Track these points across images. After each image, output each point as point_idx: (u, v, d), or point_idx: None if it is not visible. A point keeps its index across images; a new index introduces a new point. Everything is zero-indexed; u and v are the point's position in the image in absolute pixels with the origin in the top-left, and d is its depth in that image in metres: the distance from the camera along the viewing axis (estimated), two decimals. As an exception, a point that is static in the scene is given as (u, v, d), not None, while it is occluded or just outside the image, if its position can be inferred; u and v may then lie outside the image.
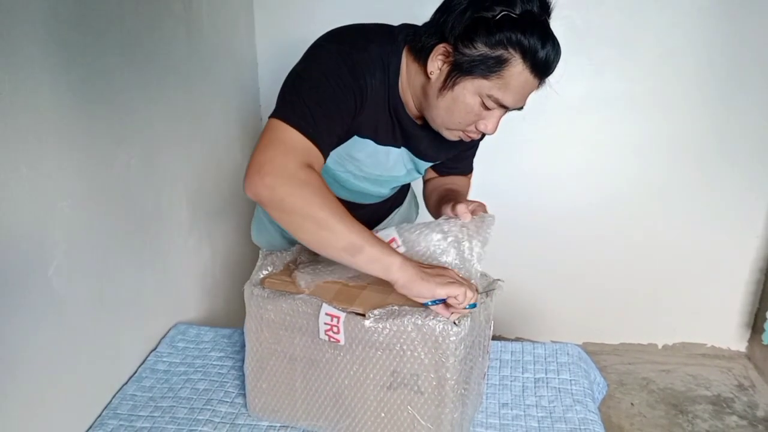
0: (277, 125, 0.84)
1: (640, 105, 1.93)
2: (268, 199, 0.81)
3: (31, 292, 0.91)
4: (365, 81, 0.90)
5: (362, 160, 1.01)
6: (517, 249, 2.10)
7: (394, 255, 0.83)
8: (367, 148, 0.99)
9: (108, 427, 1.04)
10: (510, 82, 0.85)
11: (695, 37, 1.83)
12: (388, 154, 1.03)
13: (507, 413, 1.08)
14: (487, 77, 0.84)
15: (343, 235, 0.81)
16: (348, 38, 0.92)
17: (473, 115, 0.90)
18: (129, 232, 1.19)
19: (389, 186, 1.15)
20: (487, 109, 0.89)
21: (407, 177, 1.13)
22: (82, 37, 1.01)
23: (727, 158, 1.96)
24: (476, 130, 0.92)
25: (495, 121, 0.91)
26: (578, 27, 1.85)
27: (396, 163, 1.06)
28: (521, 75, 0.84)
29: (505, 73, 0.84)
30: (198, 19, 1.48)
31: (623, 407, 1.97)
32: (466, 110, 0.89)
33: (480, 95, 0.87)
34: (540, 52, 0.83)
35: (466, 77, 0.86)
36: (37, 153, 0.91)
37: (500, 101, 0.87)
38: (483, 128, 0.91)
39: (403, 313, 0.86)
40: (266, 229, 1.27)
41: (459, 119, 0.91)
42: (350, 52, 0.89)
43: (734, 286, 2.14)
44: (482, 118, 0.90)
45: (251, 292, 0.96)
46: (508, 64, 0.83)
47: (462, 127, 0.93)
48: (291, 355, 0.96)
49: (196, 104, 1.50)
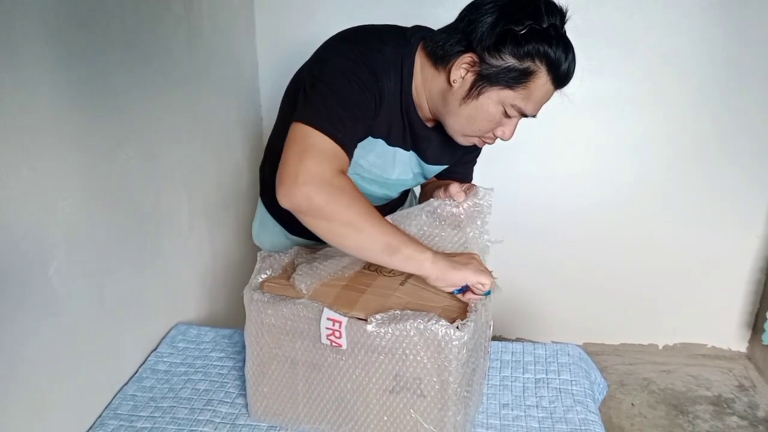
0: (306, 131, 0.84)
1: (641, 105, 1.93)
2: (306, 208, 0.83)
3: (32, 292, 0.91)
4: (383, 82, 0.91)
5: (372, 161, 1.02)
6: (517, 249, 2.09)
7: (426, 251, 0.88)
8: (378, 149, 1.00)
9: (108, 427, 1.04)
10: (534, 92, 0.87)
11: (695, 37, 1.83)
12: (395, 156, 1.03)
13: (507, 414, 1.08)
14: (513, 88, 0.86)
15: (380, 237, 0.85)
16: (362, 39, 0.93)
17: (494, 123, 0.92)
18: (129, 232, 1.19)
19: (396, 190, 1.15)
20: (507, 116, 0.91)
21: (413, 181, 1.13)
22: (83, 36, 1.01)
23: (727, 158, 1.96)
24: (493, 136, 0.95)
25: (512, 128, 0.94)
26: (578, 27, 1.83)
27: (404, 166, 1.06)
28: (545, 86, 0.87)
29: (530, 85, 0.86)
30: (198, 19, 1.48)
31: (624, 408, 1.97)
32: (488, 119, 0.91)
33: (503, 104, 0.89)
34: (564, 64, 0.85)
35: (492, 87, 0.87)
36: (38, 153, 0.91)
37: (523, 110, 0.89)
38: (501, 134, 0.94)
39: (406, 318, 0.86)
40: (269, 229, 1.27)
41: (480, 127, 0.93)
42: (367, 53, 0.90)
43: (735, 286, 2.14)
44: (501, 125, 0.93)
45: (251, 297, 0.96)
46: (534, 76, 0.85)
47: (480, 134, 0.95)
48: (292, 360, 0.96)
49: (196, 104, 1.50)
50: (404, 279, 0.97)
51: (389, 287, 0.95)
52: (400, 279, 0.97)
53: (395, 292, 0.94)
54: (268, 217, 1.27)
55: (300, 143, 0.83)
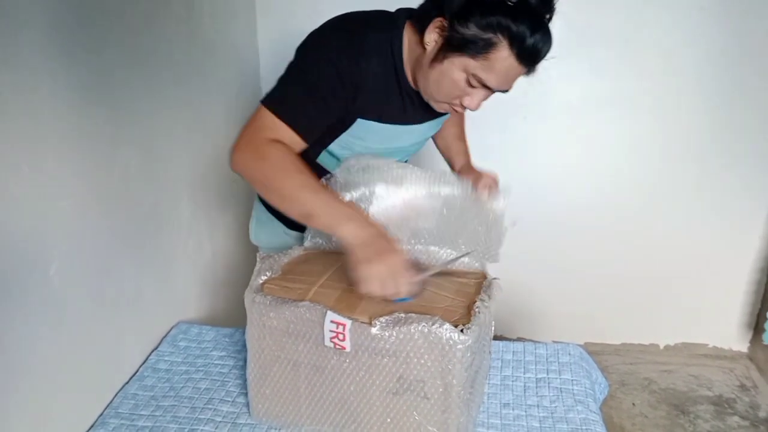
0: (264, 114, 0.93)
1: (640, 105, 1.93)
2: (238, 172, 0.91)
3: (33, 291, 0.91)
4: (363, 68, 0.94)
5: (370, 139, 1.05)
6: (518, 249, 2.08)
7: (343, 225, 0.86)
8: (373, 128, 1.03)
9: (109, 426, 1.04)
10: (495, 65, 0.87)
11: (695, 37, 1.83)
12: (390, 131, 1.06)
13: (508, 413, 1.07)
14: (474, 57, 0.87)
15: (297, 206, 0.89)
16: (346, 25, 0.96)
17: (459, 90, 0.93)
18: (130, 232, 1.19)
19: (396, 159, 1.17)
20: (471, 86, 0.92)
21: (412, 148, 1.17)
22: (83, 36, 1.01)
23: (727, 158, 1.96)
24: (461, 104, 0.96)
25: (478, 100, 0.94)
26: (578, 26, 1.85)
27: (405, 137, 1.10)
28: (506, 60, 0.87)
29: (491, 56, 0.87)
30: (199, 19, 1.48)
31: (625, 407, 1.97)
32: (452, 85, 0.92)
33: (466, 72, 0.90)
34: (528, 39, 0.85)
35: (455, 54, 0.88)
36: (38, 153, 0.91)
37: (483, 81, 0.90)
38: (467, 104, 0.95)
39: (410, 321, 0.86)
40: (267, 227, 1.28)
41: (445, 92, 0.94)
42: (349, 40, 0.94)
43: (736, 286, 2.14)
44: (467, 95, 0.94)
45: (252, 299, 0.95)
46: (495, 48, 0.86)
47: (448, 100, 0.96)
48: (295, 362, 0.96)
49: (197, 103, 1.50)
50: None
51: None
52: None
53: None
54: (265, 215, 1.28)
55: (255, 122, 0.93)
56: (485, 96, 0.95)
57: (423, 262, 1.01)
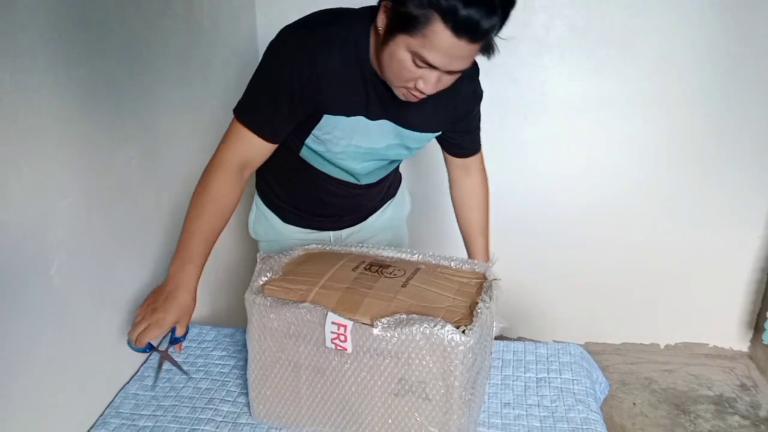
0: (233, 122, 1.02)
1: (641, 105, 1.93)
2: None
3: (33, 291, 0.91)
4: (321, 62, 0.96)
5: (338, 135, 1.06)
6: (518, 249, 2.09)
7: (173, 266, 1.01)
8: (340, 123, 1.04)
9: (110, 426, 1.04)
10: (433, 41, 0.85)
11: (696, 37, 1.83)
12: (358, 126, 1.06)
13: (509, 413, 1.07)
14: (413, 35, 0.86)
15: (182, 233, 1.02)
16: (310, 22, 0.98)
17: (408, 72, 0.91)
18: (130, 232, 1.19)
19: (369, 159, 1.15)
20: (418, 67, 0.89)
21: (389, 151, 1.14)
22: (83, 36, 1.01)
23: (727, 158, 1.96)
24: (416, 88, 0.93)
25: (431, 83, 0.91)
26: (579, 26, 1.85)
27: (375, 135, 1.08)
28: (443, 35, 0.84)
29: (427, 32, 0.84)
30: (199, 18, 1.48)
31: (625, 407, 1.97)
32: (401, 66, 0.90)
33: (410, 52, 0.88)
34: (460, 12, 0.81)
35: (398, 33, 0.87)
36: (38, 152, 0.91)
37: (426, 60, 0.87)
38: (421, 87, 0.92)
39: (411, 322, 0.86)
40: (264, 219, 1.32)
41: (397, 74, 0.93)
42: (307, 36, 0.96)
43: (736, 285, 2.14)
44: (420, 77, 0.91)
45: (253, 301, 0.95)
46: (430, 24, 0.84)
47: (402, 83, 0.94)
48: (296, 363, 0.95)
49: (197, 103, 1.50)
50: (405, 280, 0.97)
51: (391, 289, 0.95)
52: (401, 280, 0.97)
53: (397, 295, 0.93)
54: (263, 208, 1.31)
55: (228, 133, 1.03)
56: (438, 78, 0.91)
57: (162, 351, 1.10)
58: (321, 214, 1.30)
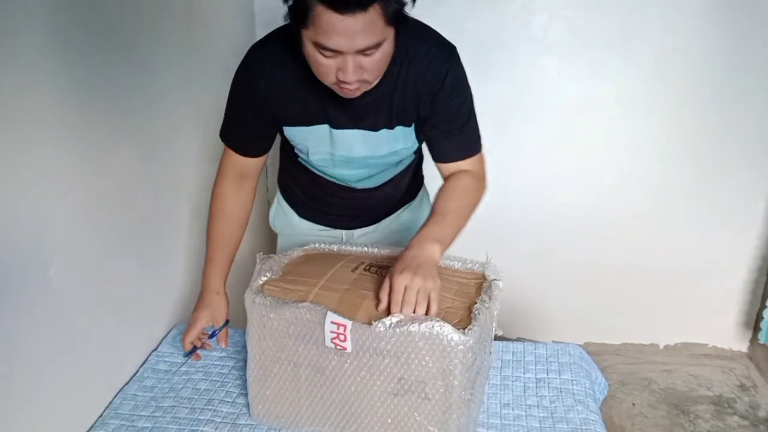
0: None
1: (640, 105, 1.93)
2: None
3: (32, 292, 0.91)
4: (261, 80, 1.01)
5: (308, 144, 1.09)
6: (518, 249, 2.10)
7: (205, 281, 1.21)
8: (302, 133, 1.07)
9: (109, 426, 1.04)
10: (323, 26, 0.82)
11: (694, 38, 1.83)
12: (324, 135, 1.06)
13: (508, 413, 1.07)
14: (308, 27, 0.84)
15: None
16: (257, 43, 1.04)
17: (323, 66, 0.88)
18: (129, 232, 1.19)
19: (354, 167, 1.13)
20: (328, 57, 0.87)
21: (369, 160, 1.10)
22: (83, 36, 1.01)
23: (726, 158, 1.96)
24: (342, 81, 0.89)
25: (349, 70, 0.87)
26: (578, 27, 1.85)
27: (346, 144, 1.07)
28: (327, 16, 0.81)
29: (315, 20, 0.82)
30: (198, 19, 1.49)
31: (625, 407, 1.97)
32: (316, 63, 0.89)
33: (314, 45, 0.86)
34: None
35: (301, 31, 0.86)
36: (38, 153, 0.91)
37: (327, 47, 0.84)
38: (342, 78, 0.88)
39: (411, 322, 0.85)
40: (283, 212, 1.35)
41: (319, 72, 0.91)
42: (250, 56, 1.03)
43: (735, 286, 2.14)
44: (337, 68, 0.88)
45: (253, 300, 0.95)
46: (313, 10, 0.82)
47: (329, 80, 0.91)
48: (295, 363, 0.95)
49: (196, 103, 1.50)
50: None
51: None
52: None
53: None
54: (282, 202, 1.34)
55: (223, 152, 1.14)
56: (354, 63, 0.86)
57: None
58: (333, 213, 1.30)
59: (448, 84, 1.02)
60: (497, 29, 1.88)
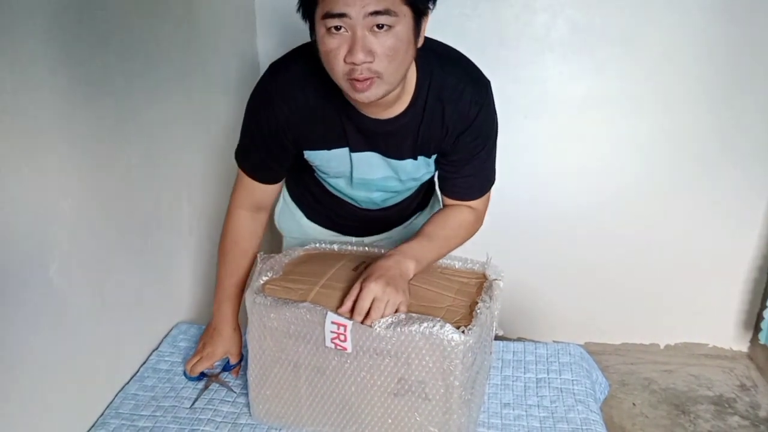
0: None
1: (642, 104, 1.92)
2: None
3: (33, 291, 0.91)
4: (274, 113, 0.98)
5: (327, 167, 1.07)
6: (518, 248, 2.09)
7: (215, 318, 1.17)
8: (322, 157, 1.05)
9: (110, 426, 1.04)
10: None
11: (697, 36, 1.83)
12: (343, 158, 1.04)
13: (509, 413, 1.07)
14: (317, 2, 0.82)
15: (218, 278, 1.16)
16: (274, 66, 1.00)
17: (334, 51, 0.83)
18: (130, 232, 1.19)
19: (372, 189, 1.12)
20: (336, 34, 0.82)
21: (388, 183, 1.09)
22: (84, 37, 1.01)
23: (728, 157, 1.96)
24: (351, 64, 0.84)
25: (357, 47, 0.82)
26: (580, 25, 1.85)
27: (365, 167, 1.05)
28: None
29: None
30: (199, 19, 1.48)
31: (625, 407, 1.97)
32: (326, 49, 0.84)
33: (323, 21, 0.82)
34: None
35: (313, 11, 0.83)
36: (38, 153, 0.91)
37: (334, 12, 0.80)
38: (350, 59, 0.82)
39: (411, 322, 0.85)
40: (289, 212, 1.32)
41: (331, 64, 0.85)
42: (264, 86, 1.00)
43: (736, 285, 2.14)
44: (347, 52, 0.83)
45: (253, 300, 0.95)
46: None
47: (338, 69, 0.85)
48: (295, 363, 0.95)
49: (197, 104, 1.50)
50: (407, 278, 0.97)
51: None
52: None
53: None
54: (290, 201, 1.31)
55: (237, 176, 1.11)
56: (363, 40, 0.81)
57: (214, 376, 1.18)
58: (343, 222, 1.29)
59: (477, 125, 0.99)
60: (499, 28, 1.87)
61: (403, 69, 0.87)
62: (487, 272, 1.04)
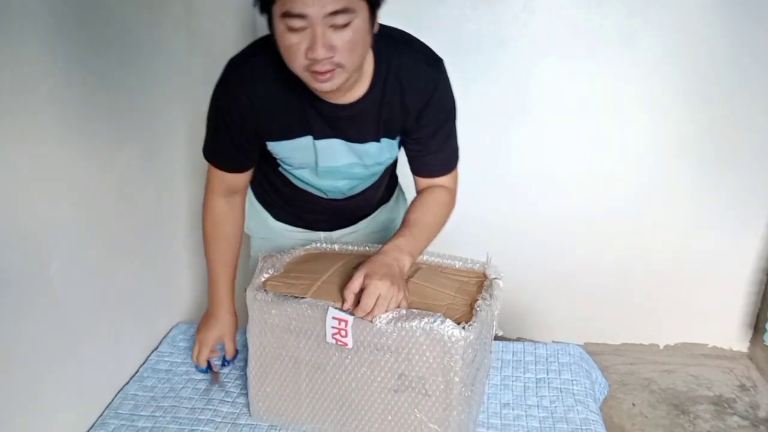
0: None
1: (640, 105, 1.93)
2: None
3: (32, 291, 0.91)
4: (241, 97, 0.99)
5: (288, 158, 1.08)
6: (518, 249, 2.09)
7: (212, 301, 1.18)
8: (285, 147, 1.05)
9: (109, 426, 1.04)
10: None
11: (695, 38, 1.83)
12: (308, 146, 1.04)
13: (508, 413, 1.08)
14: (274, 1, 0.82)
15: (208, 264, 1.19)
16: (233, 60, 1.02)
17: (294, 46, 0.85)
18: (129, 232, 1.19)
19: (337, 178, 1.13)
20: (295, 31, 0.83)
21: (353, 169, 1.10)
22: (83, 36, 1.01)
23: (728, 158, 1.96)
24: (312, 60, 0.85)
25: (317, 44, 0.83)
26: (579, 27, 1.85)
27: (329, 154, 1.06)
28: None
29: None
30: (198, 19, 1.48)
31: (625, 407, 1.97)
32: (286, 44, 0.85)
33: (282, 19, 0.83)
34: None
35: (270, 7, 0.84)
36: (38, 153, 0.91)
37: (293, 12, 0.81)
38: (312, 56, 0.84)
39: (412, 317, 0.86)
40: (257, 215, 1.31)
41: (288, 56, 0.87)
42: (228, 74, 1.01)
43: (736, 286, 2.14)
44: (307, 47, 0.84)
45: (254, 296, 0.95)
46: None
47: (298, 62, 0.86)
48: (296, 359, 0.96)
49: (196, 103, 1.49)
50: (407, 278, 0.97)
51: None
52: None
53: None
54: (256, 204, 1.30)
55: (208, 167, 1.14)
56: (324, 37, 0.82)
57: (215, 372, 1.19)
58: (310, 217, 1.29)
59: (436, 100, 1.02)
60: (498, 29, 1.87)
61: (362, 57, 0.91)
62: (487, 272, 1.04)
